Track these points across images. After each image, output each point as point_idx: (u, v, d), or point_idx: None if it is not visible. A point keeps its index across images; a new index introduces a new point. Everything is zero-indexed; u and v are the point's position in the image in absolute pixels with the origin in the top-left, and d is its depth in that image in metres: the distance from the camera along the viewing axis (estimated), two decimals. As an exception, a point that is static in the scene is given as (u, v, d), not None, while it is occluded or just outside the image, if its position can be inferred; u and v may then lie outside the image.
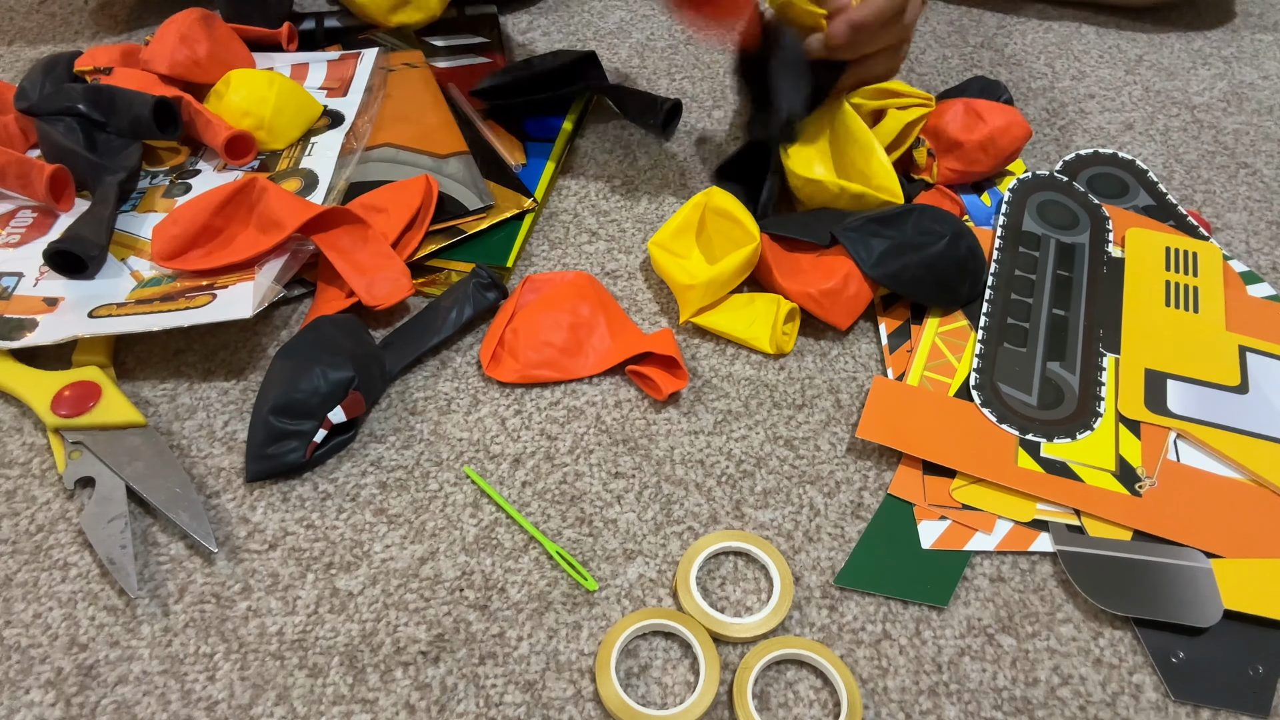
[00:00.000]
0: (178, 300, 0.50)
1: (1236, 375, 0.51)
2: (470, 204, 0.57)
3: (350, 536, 0.45)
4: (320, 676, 0.41)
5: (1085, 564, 0.43)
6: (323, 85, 0.66)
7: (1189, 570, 0.43)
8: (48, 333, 0.50)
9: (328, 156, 0.60)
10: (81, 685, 0.40)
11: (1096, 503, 0.45)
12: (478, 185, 0.58)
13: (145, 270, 0.53)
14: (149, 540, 0.45)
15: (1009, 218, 0.58)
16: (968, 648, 0.42)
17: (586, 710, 0.40)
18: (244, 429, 0.49)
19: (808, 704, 0.40)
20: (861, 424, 0.48)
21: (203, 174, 0.59)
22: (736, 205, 0.54)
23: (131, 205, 0.58)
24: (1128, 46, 0.76)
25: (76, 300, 0.51)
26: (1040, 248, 0.56)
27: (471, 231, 0.56)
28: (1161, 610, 0.42)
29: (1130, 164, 0.64)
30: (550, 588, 0.44)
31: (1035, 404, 0.49)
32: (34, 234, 0.56)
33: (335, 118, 0.63)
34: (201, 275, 0.52)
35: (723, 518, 0.46)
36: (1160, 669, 0.41)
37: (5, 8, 0.80)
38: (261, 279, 0.51)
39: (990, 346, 0.52)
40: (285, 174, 0.59)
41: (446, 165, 0.59)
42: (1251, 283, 0.56)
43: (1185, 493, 0.46)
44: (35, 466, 0.48)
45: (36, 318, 0.51)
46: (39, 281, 0.53)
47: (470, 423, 0.50)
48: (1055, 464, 0.47)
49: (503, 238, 0.57)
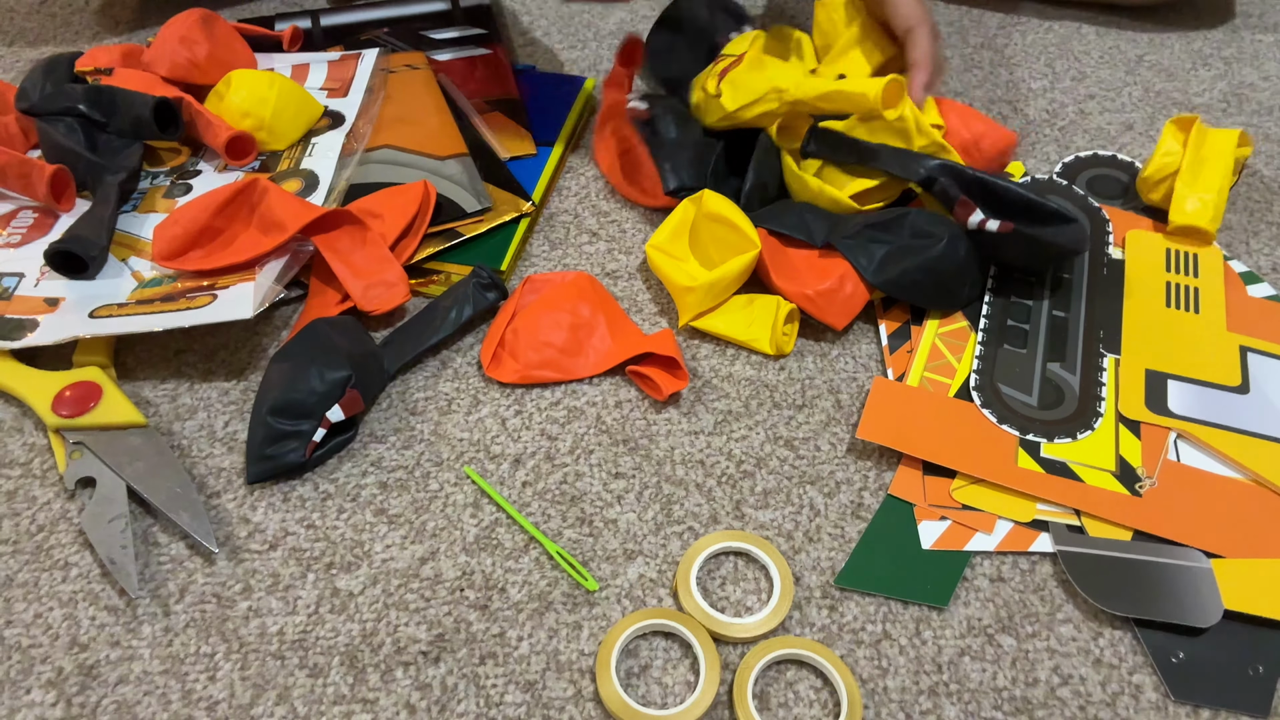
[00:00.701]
0: (179, 300, 0.50)
1: (1237, 375, 0.51)
2: (468, 206, 0.57)
3: (351, 536, 0.45)
4: (321, 676, 0.41)
5: (1085, 564, 0.43)
6: (323, 85, 0.66)
7: (1189, 570, 0.43)
8: (49, 333, 0.50)
9: (329, 157, 0.60)
10: (82, 685, 0.40)
11: (1096, 503, 0.45)
12: (476, 188, 0.58)
13: (146, 271, 0.53)
14: (149, 540, 0.45)
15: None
16: (968, 648, 0.42)
17: (586, 710, 0.40)
18: (244, 429, 0.49)
19: (808, 704, 0.40)
20: (862, 425, 0.48)
21: (203, 175, 0.59)
22: (732, 209, 0.53)
23: (132, 206, 0.58)
24: (1128, 47, 0.76)
25: (77, 300, 0.52)
26: None
27: (469, 235, 0.56)
28: (1161, 610, 0.42)
29: (1129, 165, 0.64)
30: (550, 588, 0.44)
31: (1035, 404, 0.49)
32: (35, 234, 0.56)
33: (336, 118, 0.63)
34: (202, 275, 0.52)
35: (723, 518, 0.46)
36: (1160, 669, 0.41)
37: (5, 8, 0.80)
38: (262, 279, 0.51)
39: (990, 348, 0.52)
40: (286, 174, 0.59)
41: (445, 167, 0.59)
42: (1251, 283, 0.56)
43: (1185, 493, 0.46)
44: (36, 466, 0.48)
45: (37, 318, 0.51)
46: (40, 282, 0.53)
47: (471, 423, 0.50)
48: (1055, 464, 0.47)
49: (499, 241, 0.57)
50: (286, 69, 0.67)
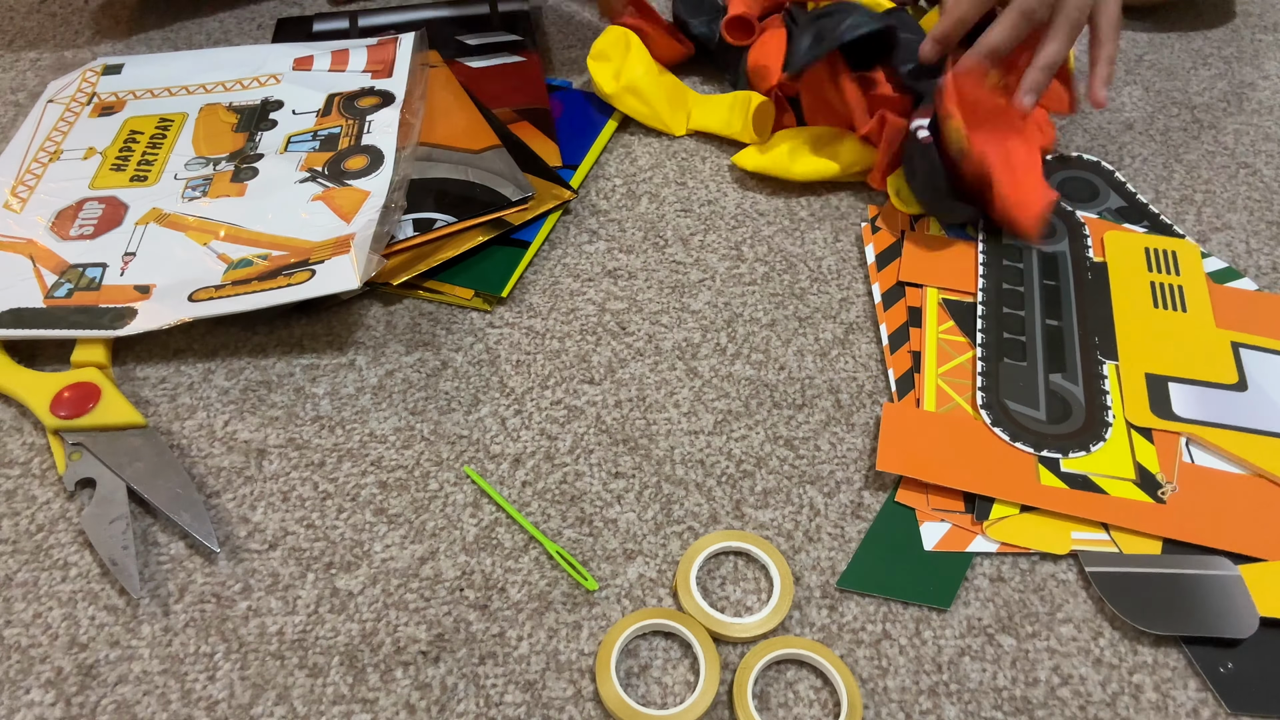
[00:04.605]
0: (276, 278, 0.51)
1: (1234, 373, 0.51)
2: (512, 195, 0.57)
3: (350, 536, 0.45)
4: (320, 676, 0.41)
5: (1119, 584, 0.43)
6: (365, 69, 0.67)
7: (1221, 580, 0.43)
8: (150, 319, 0.50)
9: (387, 133, 0.61)
10: (82, 685, 0.40)
11: (1126, 515, 0.45)
12: (517, 178, 0.59)
13: (231, 253, 0.54)
14: (149, 540, 0.45)
15: (987, 232, 0.58)
16: (968, 648, 0.42)
17: (586, 710, 0.40)
18: (244, 429, 0.49)
19: (808, 704, 0.40)
20: (880, 457, 0.47)
21: (266, 158, 0.60)
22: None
23: (201, 192, 0.59)
24: (1128, 46, 0.76)
25: (170, 286, 0.52)
26: (1023, 259, 0.57)
27: (517, 223, 0.57)
28: (1200, 625, 0.41)
29: (1096, 165, 0.64)
30: (550, 588, 0.44)
31: (1045, 419, 0.49)
32: (107, 225, 0.57)
33: (386, 97, 0.64)
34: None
35: (723, 518, 0.46)
36: (1212, 682, 0.40)
37: (5, 8, 0.80)
38: (356, 250, 0.51)
39: (991, 364, 0.51)
40: (348, 151, 0.60)
41: (483, 160, 0.60)
42: (1225, 281, 0.56)
43: (1207, 494, 0.45)
44: (35, 466, 0.48)
45: (134, 305, 0.51)
46: (125, 270, 0.54)
47: (470, 422, 0.50)
48: (1078, 478, 0.46)
49: (501, 264, 0.57)
50: (327, 56, 0.68)
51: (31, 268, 0.54)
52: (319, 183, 0.58)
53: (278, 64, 0.68)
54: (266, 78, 0.67)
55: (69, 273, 0.54)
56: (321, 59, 0.68)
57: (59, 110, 0.65)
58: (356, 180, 0.58)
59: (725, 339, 0.54)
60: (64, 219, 0.57)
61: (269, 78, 0.67)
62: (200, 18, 0.79)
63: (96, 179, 0.60)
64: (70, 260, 0.55)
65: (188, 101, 0.66)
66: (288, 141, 0.62)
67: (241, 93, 0.67)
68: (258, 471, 0.48)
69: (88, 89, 0.67)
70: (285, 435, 0.49)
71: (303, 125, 0.63)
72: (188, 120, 0.64)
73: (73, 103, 0.66)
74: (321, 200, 0.57)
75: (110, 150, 0.62)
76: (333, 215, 0.56)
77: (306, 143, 0.61)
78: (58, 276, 0.54)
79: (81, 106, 0.66)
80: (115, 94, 0.67)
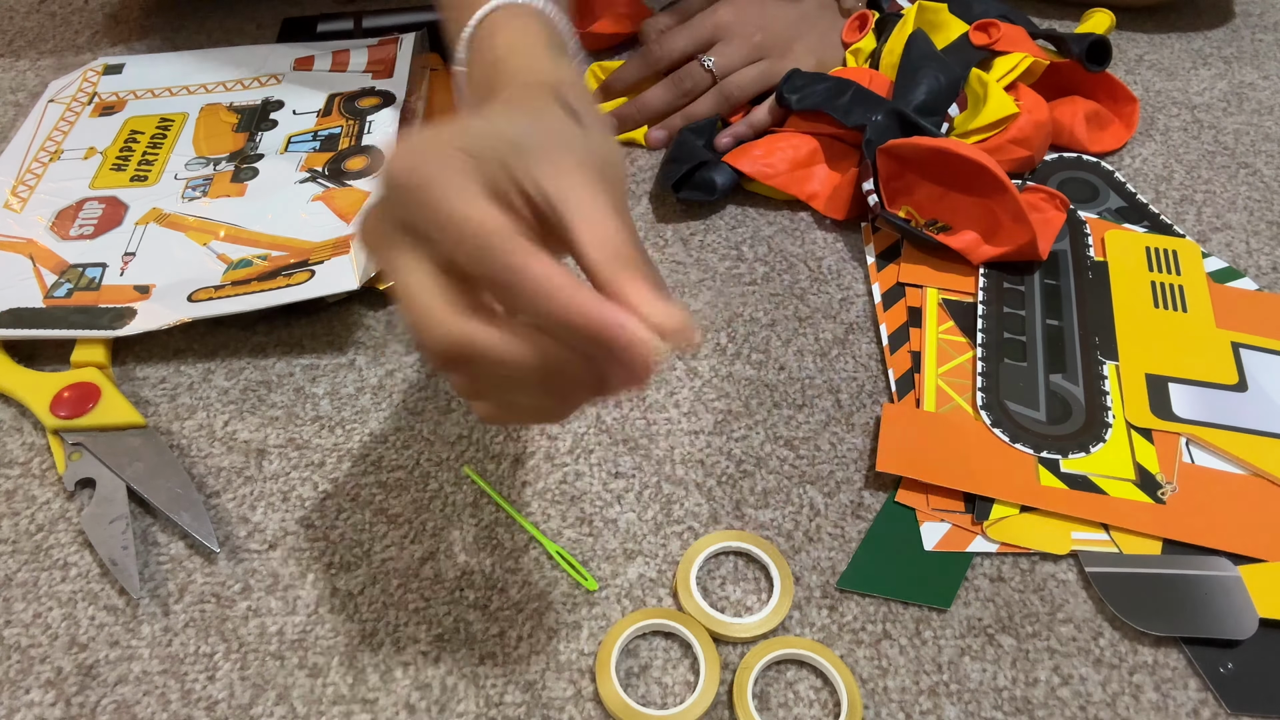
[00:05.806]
0: (276, 279, 0.51)
1: (1234, 373, 0.51)
2: None
3: (350, 536, 0.45)
4: (320, 676, 0.41)
5: (1118, 585, 0.43)
6: (366, 69, 0.67)
7: (1220, 580, 0.42)
8: (150, 320, 0.50)
9: (387, 134, 0.61)
10: (81, 685, 0.40)
11: (1126, 515, 0.45)
12: None
13: (231, 253, 0.54)
14: (149, 540, 0.45)
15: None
16: (968, 648, 0.42)
17: (586, 710, 0.40)
18: (244, 429, 0.49)
19: (808, 704, 0.40)
20: (880, 458, 0.47)
21: (266, 159, 0.61)
22: None
23: (201, 192, 0.59)
24: (1128, 46, 0.76)
25: (169, 286, 0.52)
26: None
27: None
28: (1200, 626, 0.41)
29: (1096, 165, 0.63)
30: (550, 588, 0.44)
31: (1045, 419, 0.48)
32: (106, 225, 0.57)
33: (386, 97, 0.64)
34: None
35: (723, 518, 0.46)
36: (1211, 682, 0.40)
37: (5, 8, 0.80)
38: (356, 251, 0.52)
39: (991, 364, 0.51)
40: (349, 152, 0.60)
41: None
42: (1225, 280, 0.56)
43: (1207, 494, 0.45)
44: (35, 466, 0.48)
45: (134, 306, 0.51)
46: (125, 270, 0.54)
47: (470, 422, 0.50)
48: (1078, 479, 0.46)
49: None
50: (328, 56, 0.68)
51: (31, 267, 0.54)
52: (319, 183, 0.58)
53: (278, 64, 0.69)
54: (267, 78, 0.68)
55: (69, 273, 0.54)
56: (322, 59, 0.68)
57: (59, 110, 0.65)
58: (357, 181, 0.58)
59: (725, 339, 0.54)
60: (64, 219, 0.57)
61: (269, 78, 0.68)
62: (201, 18, 0.79)
63: (97, 179, 0.60)
64: (70, 260, 0.55)
65: (188, 101, 0.66)
66: (288, 142, 0.62)
67: (242, 93, 0.67)
68: (258, 471, 0.48)
69: (88, 89, 0.67)
70: (285, 435, 0.49)
71: (303, 125, 0.63)
72: (188, 120, 0.64)
73: (73, 102, 0.66)
74: (321, 201, 0.57)
75: (111, 150, 0.62)
76: (333, 216, 0.56)
77: (307, 143, 0.61)
78: (57, 276, 0.54)
79: (82, 106, 0.66)
80: (116, 94, 0.67)
